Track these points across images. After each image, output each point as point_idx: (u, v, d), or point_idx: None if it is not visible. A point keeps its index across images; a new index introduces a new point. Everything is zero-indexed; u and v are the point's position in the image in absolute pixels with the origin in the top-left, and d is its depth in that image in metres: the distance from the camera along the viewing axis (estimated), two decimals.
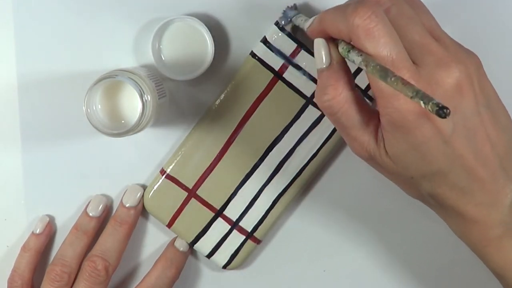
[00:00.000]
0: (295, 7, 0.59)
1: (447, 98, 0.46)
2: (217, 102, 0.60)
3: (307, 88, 0.60)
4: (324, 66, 0.48)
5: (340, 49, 0.48)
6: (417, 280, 0.63)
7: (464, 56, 0.47)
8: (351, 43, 0.47)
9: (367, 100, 0.52)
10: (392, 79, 0.42)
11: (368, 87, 0.59)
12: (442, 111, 0.38)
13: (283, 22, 0.59)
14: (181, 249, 0.61)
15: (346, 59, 0.48)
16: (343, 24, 0.46)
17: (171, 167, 0.61)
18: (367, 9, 0.45)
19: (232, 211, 0.61)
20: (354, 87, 0.49)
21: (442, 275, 0.63)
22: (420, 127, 0.45)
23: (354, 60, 0.45)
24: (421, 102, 0.40)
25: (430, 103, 0.39)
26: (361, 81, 0.58)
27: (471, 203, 0.48)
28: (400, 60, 0.45)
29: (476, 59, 0.48)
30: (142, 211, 0.62)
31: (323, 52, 0.48)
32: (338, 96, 0.48)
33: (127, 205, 0.61)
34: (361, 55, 0.45)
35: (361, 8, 0.45)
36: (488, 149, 0.47)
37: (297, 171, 0.60)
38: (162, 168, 0.61)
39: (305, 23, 0.53)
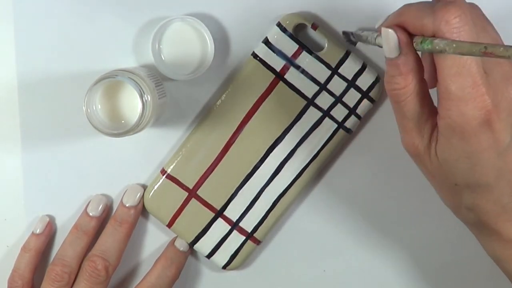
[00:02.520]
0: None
1: (509, 112, 0.46)
2: (218, 103, 0.60)
3: (308, 89, 0.60)
4: (394, 56, 0.47)
5: (415, 40, 0.47)
6: (418, 279, 0.63)
7: None
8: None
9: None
10: (485, 47, 0.41)
11: None
12: None
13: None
14: (181, 248, 0.61)
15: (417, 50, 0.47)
16: (428, 18, 0.45)
17: (171, 167, 0.61)
18: (458, 8, 0.44)
19: (233, 212, 0.61)
20: (424, 78, 0.48)
21: (443, 274, 0.63)
22: (480, 135, 0.45)
23: (438, 46, 0.44)
24: None
25: None
26: None
27: (510, 221, 0.47)
28: (476, 65, 0.44)
29: None
30: (142, 211, 0.62)
31: (392, 41, 0.47)
32: (408, 86, 0.47)
33: (127, 205, 0.61)
34: (444, 41, 0.44)
35: (452, 6, 0.45)
36: None
37: (297, 172, 0.60)
38: (163, 168, 0.61)
39: (370, 33, 0.52)
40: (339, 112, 0.60)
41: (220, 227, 0.61)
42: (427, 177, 0.51)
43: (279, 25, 0.59)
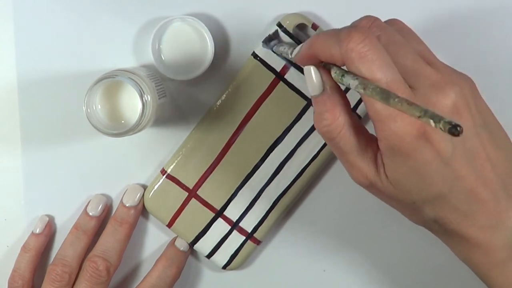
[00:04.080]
0: (275, 36, 0.59)
1: None
2: (218, 103, 0.60)
3: None
4: (318, 93, 0.48)
5: (333, 73, 0.47)
6: (417, 280, 0.63)
7: (458, 78, 0.47)
8: (345, 67, 0.46)
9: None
10: (396, 100, 0.41)
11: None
12: (455, 129, 0.37)
13: (264, 49, 0.59)
14: (182, 248, 0.61)
15: (339, 84, 0.47)
16: (336, 48, 0.45)
17: (171, 167, 0.61)
18: (361, 34, 0.44)
19: (233, 212, 0.61)
20: (351, 111, 0.48)
21: (441, 274, 0.63)
22: (420, 149, 0.45)
23: (350, 84, 0.45)
24: (431, 121, 0.38)
25: (442, 122, 0.37)
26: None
27: (474, 226, 0.47)
28: (395, 82, 0.44)
29: (469, 81, 0.48)
30: (142, 211, 0.62)
31: (315, 79, 0.48)
32: (336, 120, 0.47)
33: (127, 205, 0.61)
34: (357, 78, 0.44)
35: (355, 33, 0.44)
36: (489, 170, 0.47)
37: (297, 172, 0.61)
38: (163, 168, 0.61)
39: (289, 51, 0.53)
40: None
41: (220, 227, 0.61)
42: (385, 201, 0.50)
43: (279, 25, 0.59)
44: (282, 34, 0.59)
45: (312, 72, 0.48)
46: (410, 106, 0.40)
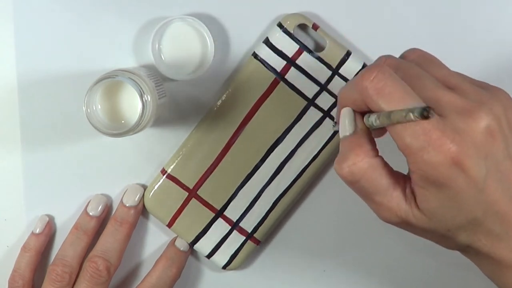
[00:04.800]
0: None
1: (479, 145, 0.44)
2: (218, 103, 0.60)
3: (309, 89, 0.60)
4: (348, 133, 0.47)
5: (365, 119, 0.47)
6: (416, 280, 0.63)
7: (487, 97, 0.46)
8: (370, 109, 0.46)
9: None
10: (393, 113, 0.41)
11: None
12: (425, 111, 0.38)
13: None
14: (182, 248, 0.61)
15: (371, 129, 0.47)
16: (355, 93, 0.45)
17: (172, 167, 0.61)
18: (373, 69, 0.44)
19: (233, 212, 0.61)
20: (378, 155, 0.47)
21: (440, 275, 0.63)
22: (454, 178, 0.44)
23: (373, 122, 0.45)
24: (411, 115, 0.39)
25: (415, 111, 0.39)
26: None
27: (507, 249, 0.47)
28: None
29: (502, 96, 0.47)
30: (142, 211, 0.62)
31: (347, 120, 0.47)
32: (360, 161, 0.46)
33: (127, 205, 0.61)
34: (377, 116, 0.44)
35: (367, 71, 0.44)
36: None
37: (298, 172, 0.61)
38: (163, 167, 0.61)
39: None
40: None
41: (220, 227, 0.61)
42: (418, 234, 0.50)
43: (280, 25, 0.59)
44: None
45: (346, 113, 0.47)
46: (397, 112, 0.41)
